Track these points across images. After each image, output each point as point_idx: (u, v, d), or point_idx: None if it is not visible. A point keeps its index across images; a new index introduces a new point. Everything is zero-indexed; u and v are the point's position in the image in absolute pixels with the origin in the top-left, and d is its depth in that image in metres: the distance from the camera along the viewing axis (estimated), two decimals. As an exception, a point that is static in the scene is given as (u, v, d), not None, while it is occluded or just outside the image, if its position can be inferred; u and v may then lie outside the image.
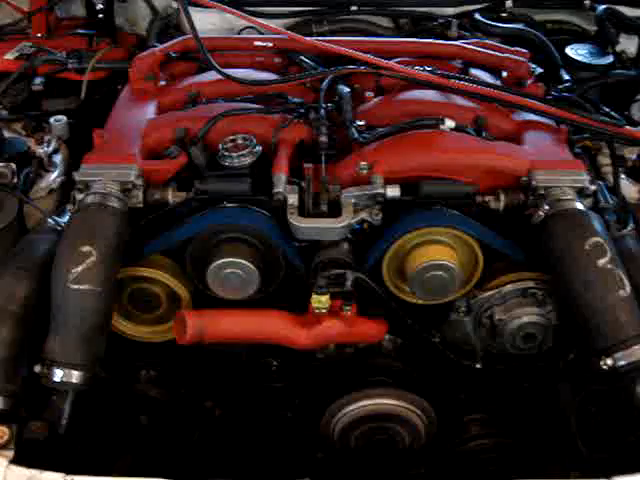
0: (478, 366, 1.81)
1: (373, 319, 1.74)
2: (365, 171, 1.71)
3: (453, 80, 1.90)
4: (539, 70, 2.08)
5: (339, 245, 1.69)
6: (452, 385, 1.88)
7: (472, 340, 1.78)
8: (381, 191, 1.67)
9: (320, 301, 1.64)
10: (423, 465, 1.92)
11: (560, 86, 2.11)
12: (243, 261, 1.61)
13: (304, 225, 1.65)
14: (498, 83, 2.01)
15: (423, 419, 1.81)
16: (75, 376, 1.51)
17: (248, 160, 1.71)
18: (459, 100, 1.91)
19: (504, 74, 2.06)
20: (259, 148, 1.74)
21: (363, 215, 1.68)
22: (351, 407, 1.79)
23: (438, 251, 1.66)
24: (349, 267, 1.66)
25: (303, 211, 1.67)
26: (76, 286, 1.52)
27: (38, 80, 2.21)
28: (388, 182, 1.69)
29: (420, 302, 1.73)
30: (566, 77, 2.18)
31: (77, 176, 1.70)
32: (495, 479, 1.89)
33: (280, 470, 1.91)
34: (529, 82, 2.03)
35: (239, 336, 1.68)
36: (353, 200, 1.68)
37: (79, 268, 1.52)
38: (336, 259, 1.67)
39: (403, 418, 1.81)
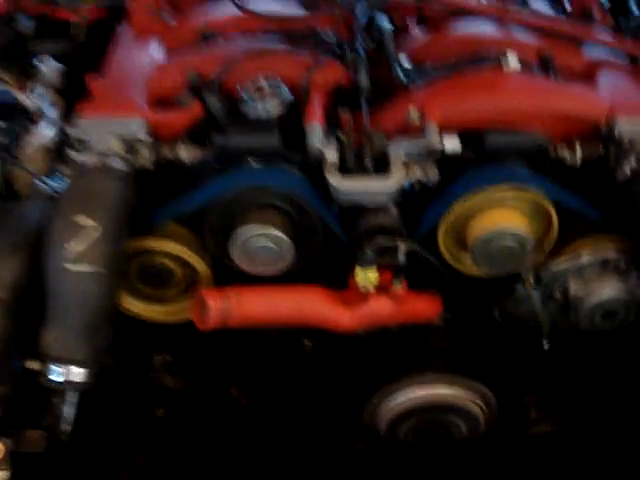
0: (545, 346, 1.56)
1: (426, 295, 1.49)
2: (416, 119, 1.44)
3: (512, 10, 1.61)
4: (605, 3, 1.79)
5: (387, 209, 1.42)
6: (513, 367, 1.64)
7: (540, 316, 1.53)
8: (437, 143, 1.39)
9: (366, 277, 1.37)
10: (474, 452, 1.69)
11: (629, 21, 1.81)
12: (274, 231, 1.34)
13: (346, 186, 1.37)
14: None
15: (483, 408, 1.57)
16: (77, 374, 1.26)
17: (276, 108, 1.43)
18: (521, 35, 1.62)
19: (567, 6, 1.76)
20: (288, 94, 1.46)
21: (416, 173, 1.40)
22: (401, 396, 1.55)
23: (506, 216, 1.39)
24: (400, 236, 1.39)
25: (344, 169, 1.39)
26: (75, 267, 1.25)
27: (25, 20, 1.91)
28: (444, 132, 1.41)
29: (482, 274, 1.48)
30: (637, 11, 1.88)
31: (72, 131, 1.43)
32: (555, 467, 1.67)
33: (314, 463, 1.68)
34: (597, 15, 1.73)
35: (271, 319, 1.42)
36: (403, 154, 1.40)
37: (78, 245, 1.26)
38: (385, 227, 1.40)
39: (461, 408, 1.57)
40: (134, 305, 1.53)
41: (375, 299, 1.42)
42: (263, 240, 1.35)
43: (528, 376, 1.66)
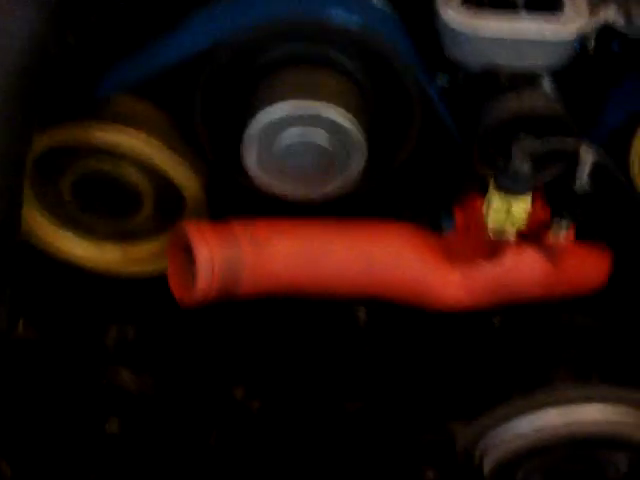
0: None
1: (593, 249, 0.82)
2: None
3: None
4: None
5: (541, 84, 0.75)
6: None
7: None
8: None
9: (508, 211, 0.70)
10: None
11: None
12: (334, 112, 0.67)
13: (477, 28, 0.68)
14: None
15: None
16: None
17: None
18: None
19: None
20: None
21: (608, 14, 0.71)
22: (525, 423, 0.89)
23: None
24: (577, 134, 0.72)
25: (472, -4, 0.71)
26: None
27: None
28: None
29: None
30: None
31: None
32: None
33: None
34: None
35: (313, 287, 0.75)
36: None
37: None
38: (548, 115, 0.72)
39: (623, 438, 0.92)
40: (69, 246, 0.87)
41: (517, 255, 0.75)
42: (309, 132, 0.67)
43: None
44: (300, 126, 0.67)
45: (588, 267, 0.80)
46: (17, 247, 0.74)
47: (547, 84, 0.75)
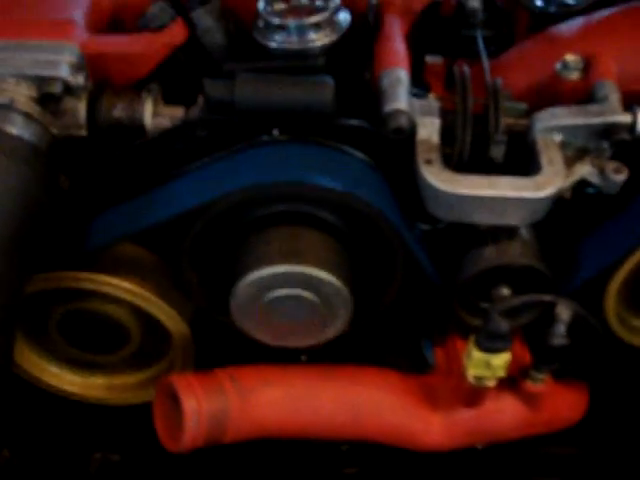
0: None
1: (571, 387, 0.84)
2: (575, 74, 0.78)
3: None
4: None
5: (516, 237, 0.77)
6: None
7: None
8: (622, 116, 0.74)
9: (488, 363, 0.72)
10: None
11: None
12: (319, 273, 0.69)
13: (459, 191, 0.71)
14: None
15: None
16: None
17: (323, 39, 0.77)
18: None
19: None
20: (345, 15, 0.80)
21: (584, 170, 0.75)
22: None
23: None
24: (549, 288, 0.75)
25: (452, 159, 0.74)
26: None
27: None
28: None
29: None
30: None
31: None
32: None
33: None
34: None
35: (299, 432, 0.77)
36: (560, 137, 0.75)
37: None
38: (527, 268, 0.75)
39: None
40: (56, 380, 0.88)
41: (496, 400, 0.77)
42: (296, 293, 0.70)
43: None
44: (287, 287, 0.69)
45: (566, 405, 0.83)
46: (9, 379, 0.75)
47: (525, 233, 0.78)
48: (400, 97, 0.73)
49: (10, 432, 0.91)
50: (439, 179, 0.71)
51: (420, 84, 0.83)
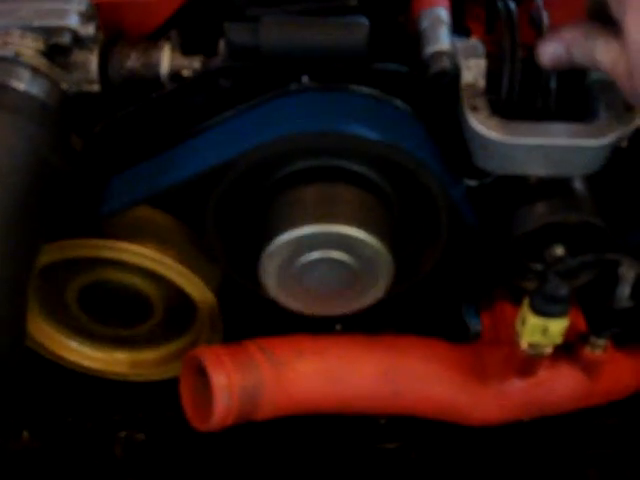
0: None
1: (631, 354, 0.77)
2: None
3: None
4: None
5: (571, 190, 0.70)
6: None
7: None
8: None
9: (544, 329, 0.66)
10: None
11: None
12: (359, 234, 0.63)
13: (510, 139, 0.64)
14: None
15: None
16: None
17: (355, -21, 0.70)
18: None
19: None
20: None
21: (644, 117, 0.68)
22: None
23: None
24: (608, 246, 0.68)
25: (501, 104, 0.67)
26: None
27: None
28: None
29: None
30: None
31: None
32: None
33: None
34: None
35: (339, 407, 0.71)
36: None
37: None
38: (587, 224, 0.68)
39: None
40: (76, 356, 0.83)
41: (552, 369, 0.71)
42: (331, 255, 0.63)
43: None
44: (322, 249, 0.63)
45: (625, 375, 0.76)
46: (23, 352, 0.70)
47: (580, 186, 0.71)
48: (442, 38, 0.66)
49: (29, 412, 0.87)
50: (488, 126, 0.64)
51: (460, 29, 0.76)
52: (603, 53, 0.58)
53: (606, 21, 0.58)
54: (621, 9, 0.54)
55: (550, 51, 0.62)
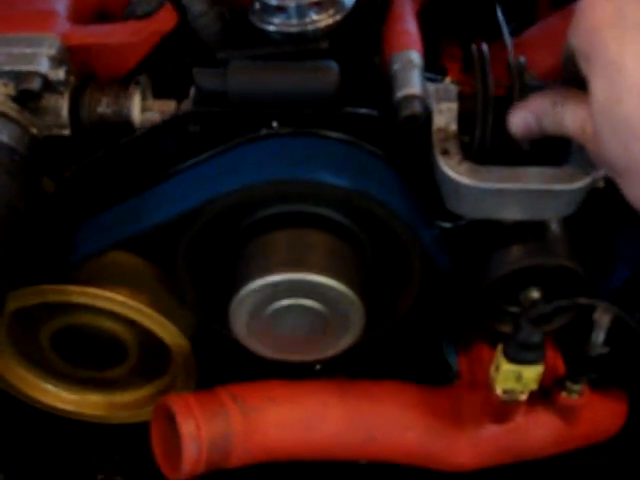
0: None
1: (609, 397, 0.76)
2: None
3: None
4: None
5: (547, 234, 0.70)
6: None
7: None
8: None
9: (518, 376, 0.65)
10: None
11: None
12: (330, 282, 0.62)
13: (481, 184, 0.64)
14: None
15: None
16: None
17: (325, 19, 0.69)
18: None
19: None
20: (349, -4, 0.72)
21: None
22: None
23: None
24: (585, 290, 0.67)
25: (473, 150, 0.66)
26: None
27: None
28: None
29: None
30: None
31: None
32: None
33: None
34: None
35: (310, 454, 0.70)
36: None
37: None
38: (556, 267, 0.67)
39: None
40: (50, 398, 0.82)
41: (528, 415, 0.70)
42: (301, 303, 0.62)
43: None
44: (292, 296, 0.62)
45: (604, 418, 0.75)
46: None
47: (556, 229, 0.71)
48: (413, 81, 0.65)
49: (5, 455, 0.86)
50: (459, 171, 0.63)
51: (435, 69, 0.75)
52: (571, 118, 0.57)
53: (579, 77, 0.58)
54: (589, 70, 0.54)
55: (520, 122, 0.61)
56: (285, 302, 0.63)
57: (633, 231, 0.73)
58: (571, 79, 0.63)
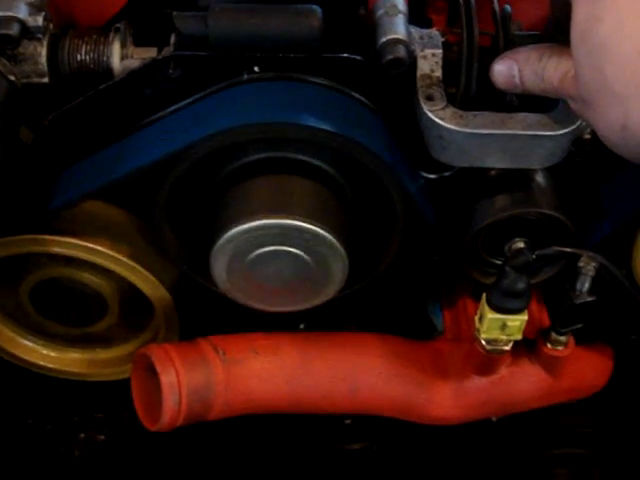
0: None
1: (594, 350, 0.76)
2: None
3: None
4: None
5: (532, 183, 0.69)
6: None
7: None
8: None
9: (502, 325, 0.64)
10: None
11: None
12: (312, 227, 0.61)
13: (466, 129, 0.63)
14: None
15: None
16: None
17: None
18: None
19: None
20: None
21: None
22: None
23: None
24: (570, 240, 0.66)
25: (459, 96, 0.65)
26: None
27: None
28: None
29: None
30: None
31: None
32: None
33: None
34: None
35: (292, 406, 0.69)
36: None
37: None
38: (541, 216, 0.67)
39: None
40: (31, 355, 0.81)
41: (513, 366, 0.69)
42: (283, 250, 0.62)
43: None
44: (274, 244, 0.61)
45: (589, 373, 0.75)
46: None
47: (542, 179, 0.70)
48: (397, 26, 0.64)
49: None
50: (443, 116, 0.62)
51: (421, 21, 0.74)
52: (553, 69, 0.57)
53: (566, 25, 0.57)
54: None
55: (504, 69, 0.61)
56: (267, 248, 0.62)
57: (615, 188, 0.72)
58: (556, 23, 0.62)
